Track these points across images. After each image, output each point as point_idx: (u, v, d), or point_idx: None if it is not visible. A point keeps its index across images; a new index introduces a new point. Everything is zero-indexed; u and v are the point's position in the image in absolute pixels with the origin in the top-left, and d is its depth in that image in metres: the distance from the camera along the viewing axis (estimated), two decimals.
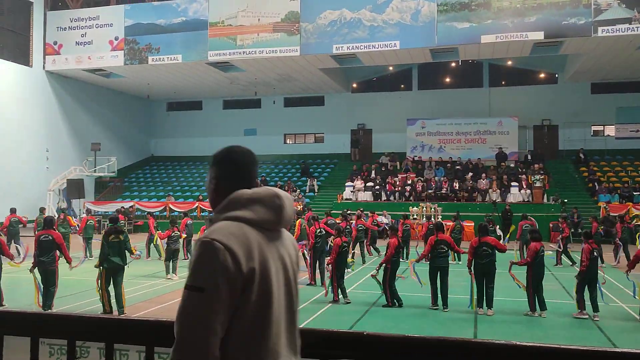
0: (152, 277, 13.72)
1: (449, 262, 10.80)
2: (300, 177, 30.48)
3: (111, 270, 9.54)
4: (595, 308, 9.50)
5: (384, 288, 10.46)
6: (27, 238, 19.31)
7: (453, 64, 30.53)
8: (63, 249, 9.87)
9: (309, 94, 33.23)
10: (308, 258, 13.01)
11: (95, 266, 9.70)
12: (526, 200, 24.66)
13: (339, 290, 10.79)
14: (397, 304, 10.36)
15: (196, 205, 26.70)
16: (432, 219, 22.53)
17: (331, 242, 12.22)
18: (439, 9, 22.56)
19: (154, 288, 12.37)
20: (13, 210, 18.24)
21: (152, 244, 17.47)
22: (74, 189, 27.01)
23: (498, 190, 25.09)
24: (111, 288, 9.59)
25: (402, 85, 32.65)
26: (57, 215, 18.90)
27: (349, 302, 10.63)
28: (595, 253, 9.75)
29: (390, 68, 31.07)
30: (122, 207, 25.29)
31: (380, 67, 29.93)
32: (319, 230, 12.98)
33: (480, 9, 22.21)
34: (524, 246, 15.20)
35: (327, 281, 11.27)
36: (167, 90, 32.63)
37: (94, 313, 9.00)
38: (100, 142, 29.30)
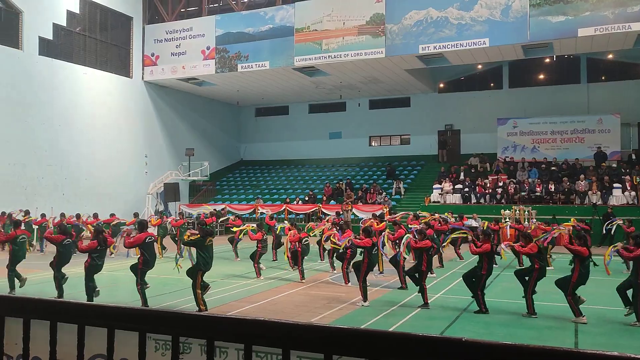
0: (242, 278, 14.14)
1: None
2: (386, 180, 30.27)
3: (204, 272, 9.97)
4: None
5: (475, 294, 10.12)
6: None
7: (547, 60, 29.10)
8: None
9: (395, 95, 32.97)
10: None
11: (196, 269, 10.06)
12: (631, 202, 22.96)
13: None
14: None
15: (284, 207, 27.25)
16: (526, 222, 21.56)
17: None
18: (532, 3, 21.60)
19: (245, 288, 12.74)
20: (112, 215, 19.71)
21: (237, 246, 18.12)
22: (171, 192, 28.48)
23: (599, 193, 23.55)
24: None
25: (492, 84, 31.57)
26: (156, 217, 20.07)
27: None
28: None
29: (479, 66, 30.15)
30: (214, 209, 26.29)
31: (469, 65, 29.12)
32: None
33: (577, 1, 21.02)
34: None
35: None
36: (256, 96, 33.64)
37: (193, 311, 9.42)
38: (194, 147, 30.73)
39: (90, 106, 26.33)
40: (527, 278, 9.99)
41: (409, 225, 15.53)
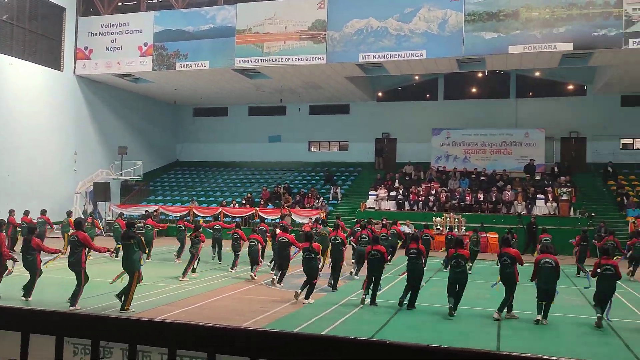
0: (175, 281, 13.80)
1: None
2: (324, 185, 30.48)
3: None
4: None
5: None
6: (53, 240, 19.70)
7: (480, 74, 30.29)
8: (91, 246, 10.27)
9: (334, 102, 33.28)
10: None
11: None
12: (552, 213, 24.24)
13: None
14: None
15: (219, 210, 26.86)
16: (456, 229, 22.33)
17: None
18: (467, 18, 22.42)
19: (177, 292, 12.45)
20: (43, 212, 18.63)
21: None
22: (100, 191, 27.45)
23: (523, 203, 24.71)
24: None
25: (428, 95, 32.49)
26: (85, 218, 19.24)
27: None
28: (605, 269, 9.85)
29: (416, 77, 30.96)
30: (147, 210, 25.60)
31: (406, 76, 29.86)
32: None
33: (509, 19, 22.01)
34: None
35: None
36: (194, 96, 33.04)
37: (117, 314, 9.10)
38: (127, 146, 29.73)
39: (15, 99, 24.94)
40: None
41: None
